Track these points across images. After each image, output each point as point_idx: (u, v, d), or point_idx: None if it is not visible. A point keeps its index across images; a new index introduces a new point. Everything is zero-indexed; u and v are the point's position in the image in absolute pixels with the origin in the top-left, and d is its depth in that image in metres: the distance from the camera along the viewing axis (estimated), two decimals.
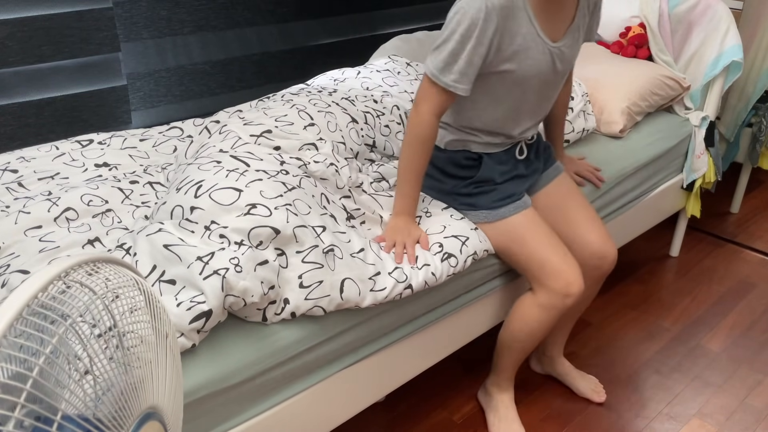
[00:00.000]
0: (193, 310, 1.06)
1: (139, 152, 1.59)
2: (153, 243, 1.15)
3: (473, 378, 1.86)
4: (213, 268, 1.10)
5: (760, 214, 2.79)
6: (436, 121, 1.38)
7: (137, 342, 0.73)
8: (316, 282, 1.19)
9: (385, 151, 1.66)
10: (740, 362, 1.95)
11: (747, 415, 1.76)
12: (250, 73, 2.21)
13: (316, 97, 1.64)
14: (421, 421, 1.72)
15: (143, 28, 1.92)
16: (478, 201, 1.51)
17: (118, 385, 0.68)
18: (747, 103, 2.47)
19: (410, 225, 1.40)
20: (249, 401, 1.18)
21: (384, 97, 1.79)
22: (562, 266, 1.45)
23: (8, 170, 1.46)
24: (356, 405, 1.40)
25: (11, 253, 1.20)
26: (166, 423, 0.78)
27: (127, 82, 1.94)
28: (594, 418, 1.74)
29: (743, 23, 2.44)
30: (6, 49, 1.69)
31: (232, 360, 1.12)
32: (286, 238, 1.19)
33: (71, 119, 1.86)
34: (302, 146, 1.44)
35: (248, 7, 2.12)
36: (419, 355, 1.49)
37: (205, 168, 1.29)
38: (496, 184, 1.51)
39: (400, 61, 2.03)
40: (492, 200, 1.50)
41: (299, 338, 1.20)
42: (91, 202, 1.34)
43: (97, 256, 0.71)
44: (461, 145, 1.52)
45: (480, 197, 1.51)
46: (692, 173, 2.21)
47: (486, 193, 1.51)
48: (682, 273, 2.39)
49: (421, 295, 1.41)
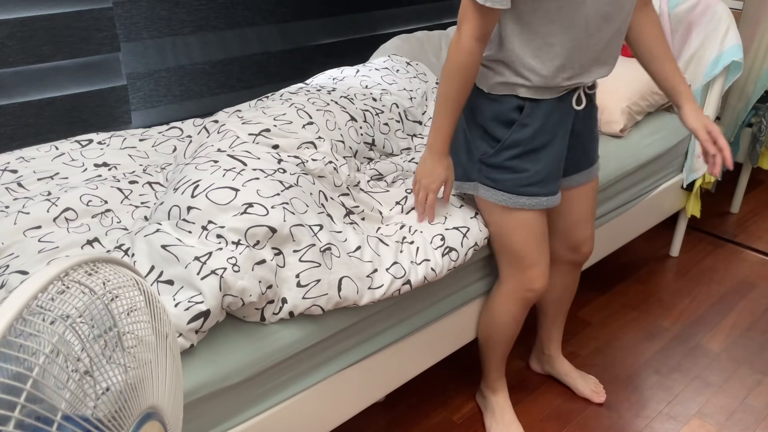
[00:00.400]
0: (191, 310, 1.06)
1: (138, 152, 1.59)
2: (151, 243, 1.15)
3: (473, 378, 1.86)
4: (211, 268, 1.10)
5: (760, 214, 2.79)
6: (477, 47, 1.24)
7: (137, 342, 0.73)
8: (314, 281, 1.19)
9: (384, 149, 1.66)
10: (740, 362, 1.95)
11: (747, 415, 1.76)
12: (250, 73, 2.21)
13: (315, 95, 1.64)
14: (421, 421, 1.72)
15: (143, 28, 1.92)
16: (504, 178, 1.37)
17: (117, 385, 0.68)
18: (747, 103, 2.47)
19: (437, 166, 1.35)
20: (248, 401, 1.18)
21: (383, 95, 1.79)
22: (534, 263, 1.45)
23: (8, 170, 1.46)
24: (356, 405, 1.40)
25: (10, 254, 1.20)
26: (166, 423, 0.78)
27: (127, 82, 1.94)
28: (594, 418, 1.74)
29: (743, 23, 2.44)
30: (6, 49, 1.69)
31: (231, 360, 1.12)
32: (282, 237, 1.19)
33: (71, 119, 1.86)
34: (301, 145, 1.44)
35: (248, 7, 2.12)
36: (419, 355, 1.49)
37: (202, 168, 1.29)
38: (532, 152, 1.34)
39: (399, 60, 2.03)
40: (520, 184, 1.36)
41: (298, 338, 1.20)
42: (91, 202, 1.34)
43: (96, 256, 0.71)
44: (508, 89, 1.33)
45: (507, 174, 1.36)
46: (692, 173, 2.21)
47: (516, 172, 1.36)
48: (682, 273, 2.39)
49: (421, 291, 1.41)
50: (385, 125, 1.68)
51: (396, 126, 1.71)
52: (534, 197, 1.38)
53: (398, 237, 1.38)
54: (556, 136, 1.36)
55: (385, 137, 1.66)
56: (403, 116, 1.78)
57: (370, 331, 1.35)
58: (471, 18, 1.22)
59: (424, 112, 1.91)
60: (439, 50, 2.32)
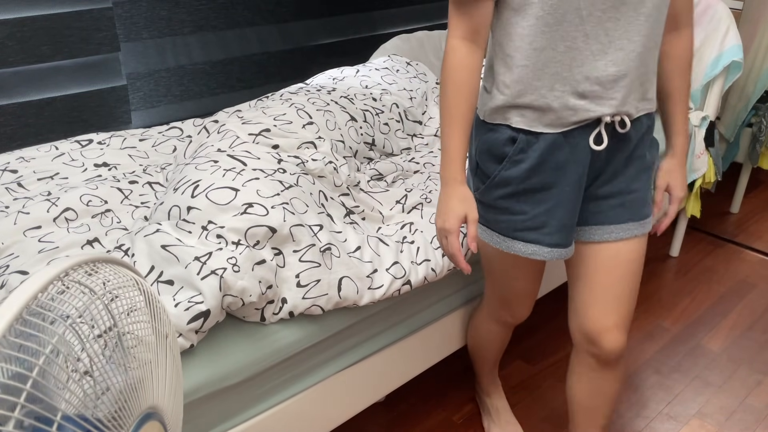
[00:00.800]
0: (191, 310, 1.06)
1: (138, 152, 1.59)
2: (151, 244, 1.15)
3: (473, 378, 1.86)
4: (211, 268, 1.10)
5: (760, 214, 2.79)
6: (462, 46, 1.06)
7: (137, 342, 0.73)
8: (314, 281, 1.19)
9: (384, 149, 1.66)
10: (740, 362, 1.95)
11: (747, 415, 1.76)
12: (250, 73, 2.21)
13: (315, 95, 1.64)
14: (421, 421, 1.72)
15: (143, 28, 1.92)
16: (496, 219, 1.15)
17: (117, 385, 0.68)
18: (747, 103, 2.47)
19: (449, 199, 1.08)
20: (248, 401, 1.18)
21: (383, 95, 1.79)
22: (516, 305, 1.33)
23: (8, 170, 1.46)
24: (356, 405, 1.40)
25: (10, 254, 1.20)
26: (166, 423, 0.78)
27: (127, 82, 1.94)
28: None
29: (743, 23, 2.44)
30: (6, 49, 1.69)
31: (231, 360, 1.12)
32: (282, 237, 1.19)
33: (71, 119, 1.86)
34: (301, 145, 1.44)
35: (248, 7, 2.12)
36: (419, 356, 1.49)
37: (202, 168, 1.29)
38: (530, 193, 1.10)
39: (399, 60, 2.03)
40: (515, 227, 1.13)
41: (298, 338, 1.20)
42: (91, 202, 1.34)
43: (96, 257, 0.71)
44: (501, 117, 1.10)
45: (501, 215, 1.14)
46: (692, 173, 2.21)
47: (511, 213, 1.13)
48: (682, 273, 2.39)
49: (421, 292, 1.41)
50: (385, 125, 1.68)
51: (396, 126, 1.71)
52: (531, 244, 1.13)
53: (398, 237, 1.38)
54: (564, 178, 1.10)
55: (385, 137, 1.66)
56: (403, 116, 1.78)
57: (370, 332, 1.35)
58: (452, 16, 1.08)
59: (424, 112, 1.91)
60: (439, 50, 2.32)
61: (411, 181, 1.62)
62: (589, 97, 1.04)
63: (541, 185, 1.10)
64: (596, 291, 1.18)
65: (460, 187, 1.08)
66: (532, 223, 1.12)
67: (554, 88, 1.03)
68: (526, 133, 1.08)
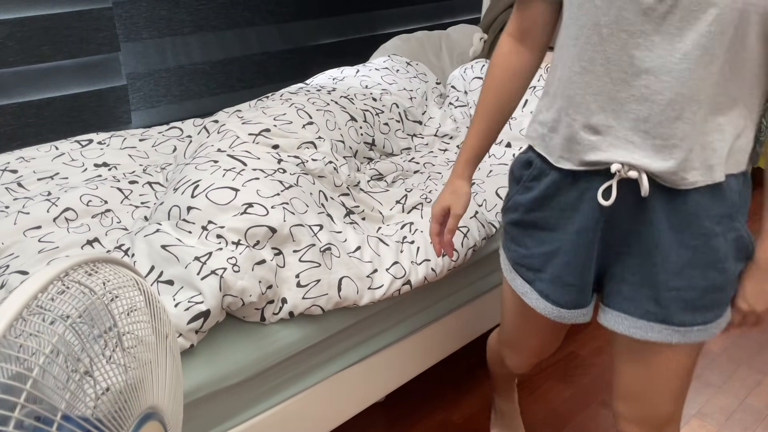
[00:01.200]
0: (191, 310, 1.06)
1: (138, 152, 1.59)
2: (151, 244, 1.15)
3: (473, 378, 1.86)
4: (211, 268, 1.10)
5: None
6: (509, 44, 1.02)
7: (137, 342, 0.73)
8: (314, 281, 1.19)
9: (384, 149, 1.66)
10: (740, 362, 1.95)
11: (747, 415, 1.76)
12: (250, 73, 2.21)
13: (315, 95, 1.64)
14: (421, 421, 1.72)
15: (143, 28, 1.92)
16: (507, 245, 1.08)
17: (117, 385, 0.68)
18: None
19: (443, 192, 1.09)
20: (248, 401, 1.18)
21: (383, 95, 1.79)
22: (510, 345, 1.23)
23: (8, 170, 1.46)
24: (356, 405, 1.40)
25: (10, 254, 1.20)
26: (166, 423, 0.78)
27: (127, 82, 1.94)
28: (594, 418, 1.74)
29: None
30: (6, 49, 1.69)
31: (231, 360, 1.12)
32: (282, 237, 1.19)
33: (71, 119, 1.86)
34: (301, 145, 1.44)
35: (248, 7, 2.12)
36: (419, 356, 1.49)
37: (202, 168, 1.29)
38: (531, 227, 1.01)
39: (399, 60, 2.04)
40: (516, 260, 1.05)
41: (298, 338, 1.20)
42: (91, 202, 1.34)
43: (96, 257, 0.71)
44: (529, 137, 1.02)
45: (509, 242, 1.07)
46: None
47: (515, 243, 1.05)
48: None
49: (421, 292, 1.41)
50: (385, 125, 1.68)
51: (396, 126, 1.71)
52: (527, 284, 1.04)
53: (398, 237, 1.38)
54: (568, 224, 0.96)
55: (385, 137, 1.66)
56: (403, 116, 1.78)
57: (370, 332, 1.35)
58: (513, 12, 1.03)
59: (424, 112, 1.91)
60: (439, 50, 2.32)
61: (411, 181, 1.62)
62: (602, 134, 0.87)
63: (544, 223, 0.99)
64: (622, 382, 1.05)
65: (457, 181, 1.09)
66: (530, 262, 1.02)
67: (567, 113, 0.90)
68: (542, 159, 0.98)
